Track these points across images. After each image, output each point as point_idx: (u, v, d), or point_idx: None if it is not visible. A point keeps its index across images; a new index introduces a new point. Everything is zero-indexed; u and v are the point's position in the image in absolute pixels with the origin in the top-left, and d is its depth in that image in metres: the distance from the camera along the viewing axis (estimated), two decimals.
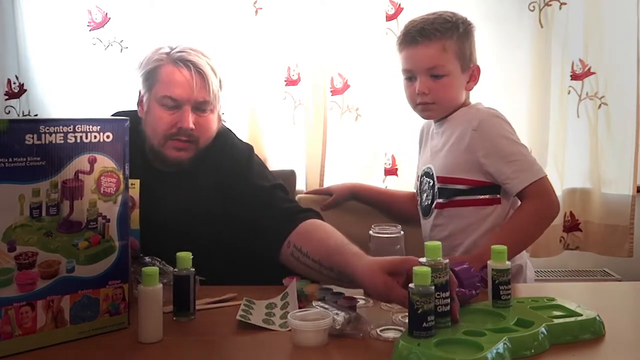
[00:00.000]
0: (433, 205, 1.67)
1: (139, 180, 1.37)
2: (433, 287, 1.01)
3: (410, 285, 1.01)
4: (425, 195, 1.72)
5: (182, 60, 1.53)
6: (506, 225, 1.58)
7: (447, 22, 1.63)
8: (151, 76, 1.55)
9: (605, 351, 1.07)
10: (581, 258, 2.44)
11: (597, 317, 1.12)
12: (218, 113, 1.63)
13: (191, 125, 1.51)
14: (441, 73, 1.61)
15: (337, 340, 1.07)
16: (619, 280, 2.33)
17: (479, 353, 0.96)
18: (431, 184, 1.68)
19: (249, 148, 1.69)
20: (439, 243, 1.08)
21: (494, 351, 0.96)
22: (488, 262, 1.19)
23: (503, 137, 1.59)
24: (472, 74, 1.67)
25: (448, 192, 1.63)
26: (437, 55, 1.61)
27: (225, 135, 1.67)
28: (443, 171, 1.65)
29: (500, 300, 1.16)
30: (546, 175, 1.58)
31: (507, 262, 1.18)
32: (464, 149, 1.61)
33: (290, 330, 1.08)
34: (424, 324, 1.00)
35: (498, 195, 1.61)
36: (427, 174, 1.70)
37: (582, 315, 1.12)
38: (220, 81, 1.58)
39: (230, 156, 1.62)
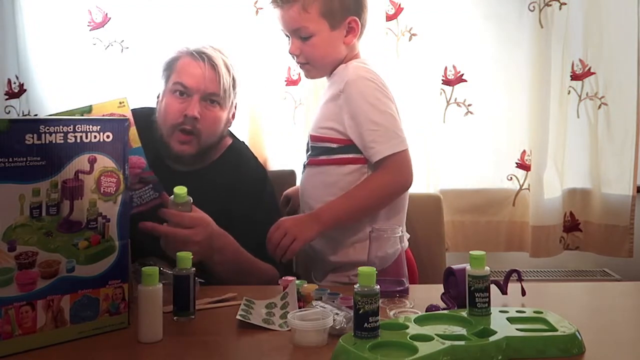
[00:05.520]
0: (305, 162, 1.65)
1: (126, 98, 1.35)
2: (378, 287, 1.00)
3: (355, 285, 1.00)
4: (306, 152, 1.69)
5: (198, 53, 1.59)
6: (353, 191, 1.53)
7: None
8: (169, 67, 1.62)
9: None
10: (581, 258, 2.44)
11: (577, 334, 1.03)
12: (229, 114, 1.65)
13: (196, 114, 1.54)
14: (306, 35, 1.57)
15: (337, 340, 1.07)
16: (619, 281, 2.33)
17: (406, 357, 0.92)
18: (308, 141, 1.67)
19: (264, 174, 1.72)
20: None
21: (426, 356, 0.92)
22: (466, 267, 1.13)
23: (368, 102, 1.52)
24: (351, 27, 1.61)
25: (316, 149, 1.61)
26: (298, 17, 1.56)
27: (242, 153, 1.70)
28: (313, 129, 1.63)
29: (476, 308, 1.09)
30: (406, 150, 1.52)
31: (486, 268, 1.10)
32: (332, 108, 1.57)
33: (290, 330, 1.08)
34: (365, 325, 0.98)
35: (363, 155, 1.55)
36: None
37: (557, 330, 1.03)
38: (233, 79, 1.63)
39: (244, 179, 1.64)
